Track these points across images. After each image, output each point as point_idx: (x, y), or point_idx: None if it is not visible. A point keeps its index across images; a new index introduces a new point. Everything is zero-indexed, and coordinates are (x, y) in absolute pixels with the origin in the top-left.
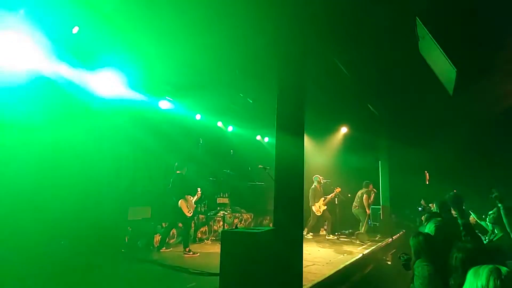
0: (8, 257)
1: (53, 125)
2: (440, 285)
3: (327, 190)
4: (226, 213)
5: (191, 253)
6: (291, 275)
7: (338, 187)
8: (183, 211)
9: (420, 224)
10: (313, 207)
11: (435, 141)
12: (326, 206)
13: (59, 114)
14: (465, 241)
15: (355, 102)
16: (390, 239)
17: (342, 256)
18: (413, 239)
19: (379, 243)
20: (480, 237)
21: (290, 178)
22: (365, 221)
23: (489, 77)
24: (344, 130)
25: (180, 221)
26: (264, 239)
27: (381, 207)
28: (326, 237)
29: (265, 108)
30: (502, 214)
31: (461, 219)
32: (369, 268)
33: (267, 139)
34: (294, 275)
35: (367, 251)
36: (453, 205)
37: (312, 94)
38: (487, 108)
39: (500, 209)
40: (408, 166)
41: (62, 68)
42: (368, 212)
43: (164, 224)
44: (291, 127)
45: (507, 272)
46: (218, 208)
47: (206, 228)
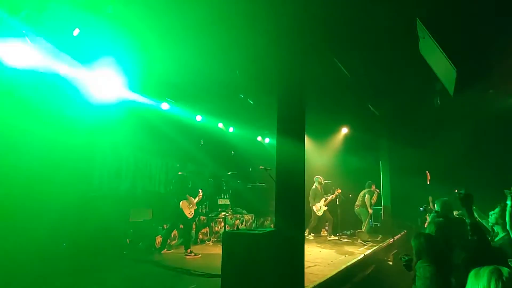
0: (10, 259)
1: (54, 127)
2: (442, 286)
3: (328, 190)
4: (227, 214)
5: (193, 254)
6: (293, 276)
7: (339, 188)
8: (185, 212)
9: (422, 224)
10: (313, 208)
11: (436, 141)
12: (327, 207)
13: (60, 116)
14: (471, 240)
15: (356, 102)
16: (392, 240)
17: (343, 256)
18: (414, 240)
19: (381, 244)
20: (487, 238)
21: (291, 179)
22: (366, 221)
23: (489, 77)
24: (344, 130)
25: (182, 223)
26: (265, 240)
27: (382, 207)
28: (328, 237)
29: (265, 109)
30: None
31: (469, 218)
32: (371, 268)
33: (268, 140)
34: (295, 276)
35: (368, 251)
36: (463, 204)
37: (312, 94)
38: (487, 108)
39: (507, 206)
40: (409, 166)
41: (62, 69)
42: (370, 211)
43: (165, 226)
44: (292, 127)
45: (508, 273)
46: (219, 209)
47: (207, 230)
